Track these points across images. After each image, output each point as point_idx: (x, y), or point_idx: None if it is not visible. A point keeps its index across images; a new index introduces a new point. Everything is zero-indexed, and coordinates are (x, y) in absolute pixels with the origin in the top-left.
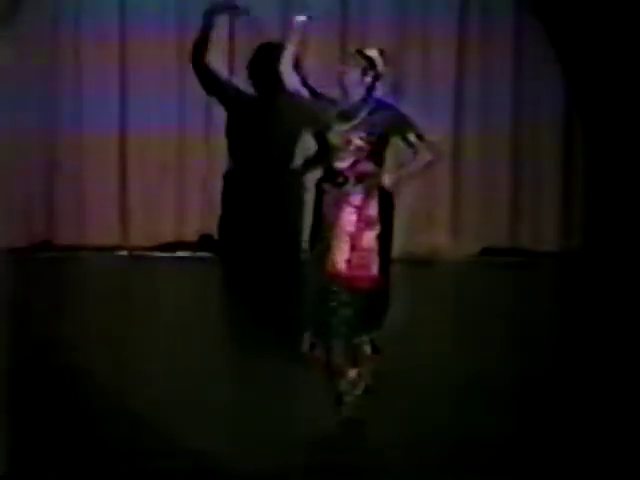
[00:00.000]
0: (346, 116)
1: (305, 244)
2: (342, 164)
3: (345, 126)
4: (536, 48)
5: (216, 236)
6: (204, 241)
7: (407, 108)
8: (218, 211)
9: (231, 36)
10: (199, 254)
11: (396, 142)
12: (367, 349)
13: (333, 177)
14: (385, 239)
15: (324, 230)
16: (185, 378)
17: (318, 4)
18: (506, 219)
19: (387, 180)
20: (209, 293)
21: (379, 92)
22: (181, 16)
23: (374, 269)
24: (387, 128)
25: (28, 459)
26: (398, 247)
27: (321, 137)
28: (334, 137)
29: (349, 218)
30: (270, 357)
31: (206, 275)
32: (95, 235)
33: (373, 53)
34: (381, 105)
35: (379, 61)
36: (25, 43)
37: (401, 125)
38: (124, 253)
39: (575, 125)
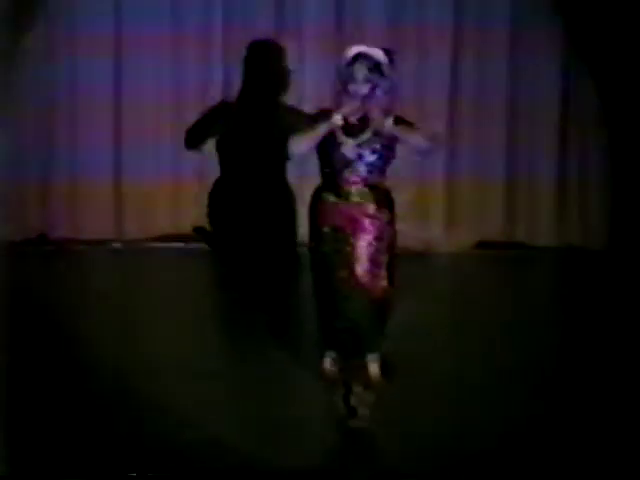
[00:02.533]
0: (354, 130)
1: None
2: (354, 177)
3: (356, 140)
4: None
5: (210, 228)
6: (198, 232)
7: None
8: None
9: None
10: (194, 245)
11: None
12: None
13: (338, 189)
14: (392, 248)
15: (337, 241)
16: (181, 371)
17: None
18: (502, 212)
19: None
20: (205, 284)
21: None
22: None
23: (385, 280)
24: (393, 134)
25: (28, 459)
26: None
27: (326, 152)
28: (348, 152)
29: (368, 229)
30: (265, 349)
31: (201, 266)
32: (90, 228)
33: (380, 57)
34: (384, 113)
35: (385, 66)
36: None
37: (403, 126)
38: (119, 245)
39: (571, 120)
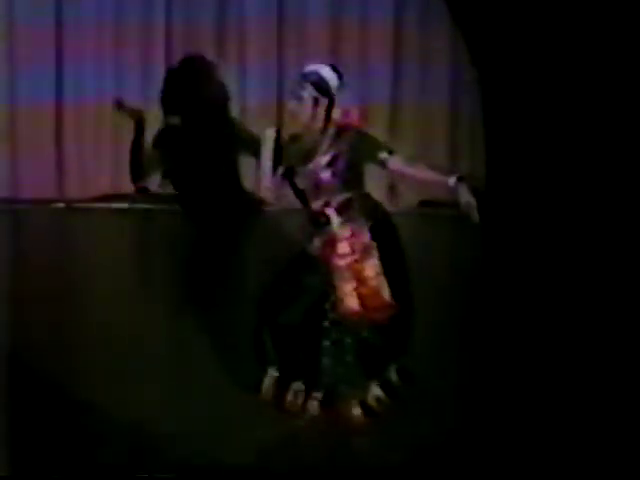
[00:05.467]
0: (308, 154)
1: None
2: (317, 204)
3: (309, 166)
4: None
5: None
6: (140, 193)
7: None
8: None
9: None
10: (135, 206)
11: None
12: (393, 376)
13: (314, 218)
14: (391, 261)
15: (322, 274)
16: (119, 332)
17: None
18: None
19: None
20: (145, 245)
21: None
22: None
23: (385, 296)
24: (354, 152)
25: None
26: None
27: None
28: (301, 181)
29: (344, 252)
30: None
31: (142, 227)
32: (31, 187)
33: (326, 73)
34: (341, 130)
35: (333, 82)
36: None
37: (368, 146)
38: (61, 205)
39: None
